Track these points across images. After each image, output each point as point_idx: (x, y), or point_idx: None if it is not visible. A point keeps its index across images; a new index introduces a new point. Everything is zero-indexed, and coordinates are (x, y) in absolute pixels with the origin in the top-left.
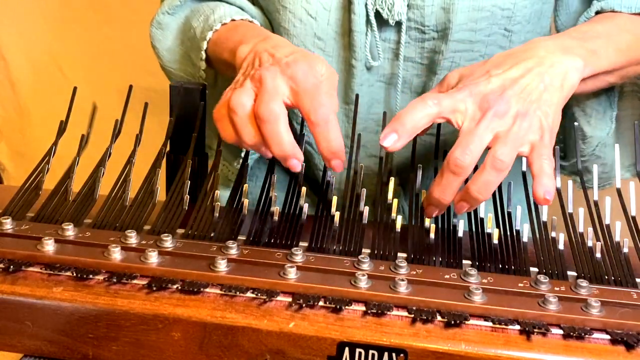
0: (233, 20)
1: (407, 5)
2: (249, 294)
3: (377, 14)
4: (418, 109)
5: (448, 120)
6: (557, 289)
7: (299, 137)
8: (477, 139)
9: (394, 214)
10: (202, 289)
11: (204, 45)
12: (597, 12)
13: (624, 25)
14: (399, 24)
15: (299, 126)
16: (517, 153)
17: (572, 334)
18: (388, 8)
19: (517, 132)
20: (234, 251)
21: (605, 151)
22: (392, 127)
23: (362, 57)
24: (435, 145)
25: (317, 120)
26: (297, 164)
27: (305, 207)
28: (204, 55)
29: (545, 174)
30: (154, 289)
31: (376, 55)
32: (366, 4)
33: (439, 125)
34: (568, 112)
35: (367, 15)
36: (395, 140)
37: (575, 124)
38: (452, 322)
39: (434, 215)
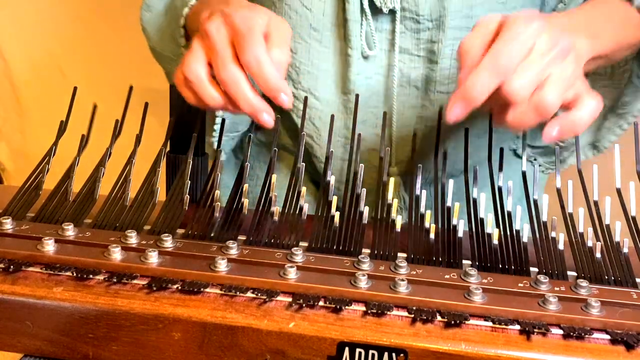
0: None
1: None
2: (249, 294)
3: (371, 3)
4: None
5: None
6: (557, 289)
7: (299, 137)
8: (538, 72)
9: (394, 214)
10: (202, 289)
11: (182, 21)
12: None
13: (615, 10)
14: (393, 12)
15: (299, 119)
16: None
17: (572, 334)
18: None
19: (572, 74)
20: (234, 251)
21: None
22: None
23: (357, 46)
24: (435, 145)
25: (247, 61)
26: (268, 118)
27: (306, 207)
28: (182, 32)
29: (585, 109)
30: (154, 289)
31: (372, 45)
32: None
33: (439, 124)
34: None
35: (362, 4)
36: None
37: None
38: (452, 322)
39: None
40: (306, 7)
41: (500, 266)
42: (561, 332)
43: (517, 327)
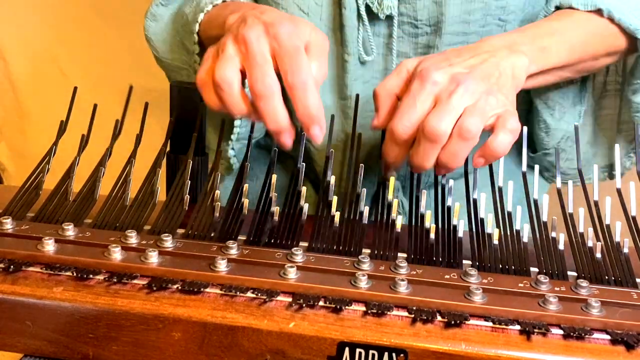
0: (224, 1)
1: (399, 0)
2: (249, 294)
3: (368, 9)
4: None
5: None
6: (557, 289)
7: (299, 137)
8: (452, 108)
9: (394, 214)
10: (202, 289)
11: (196, 27)
12: (557, 8)
13: (580, 22)
14: (390, 18)
15: (299, 124)
16: (484, 125)
17: (572, 334)
18: (378, 2)
19: (484, 106)
20: (234, 251)
21: (572, 144)
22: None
23: (354, 52)
24: None
25: (293, 83)
26: (288, 140)
27: (306, 207)
28: (196, 38)
29: (500, 140)
30: (154, 289)
31: (369, 50)
32: None
33: None
34: (532, 106)
35: (358, 10)
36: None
37: (576, 124)
38: (452, 322)
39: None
40: (303, 11)
41: (500, 266)
42: (561, 332)
43: (517, 327)
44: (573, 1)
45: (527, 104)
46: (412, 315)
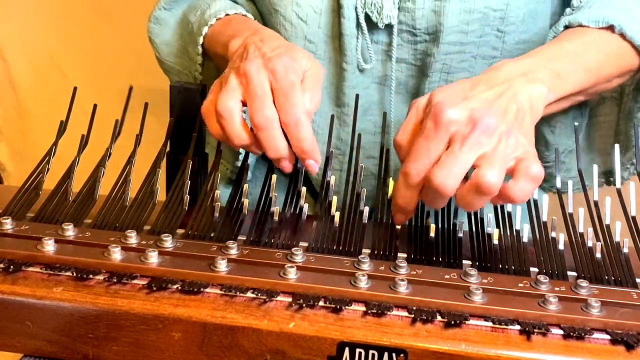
0: (227, 14)
1: (398, 8)
2: (249, 294)
3: (367, 17)
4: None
5: None
6: (557, 289)
7: None
8: (461, 162)
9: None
10: (202, 289)
11: (200, 40)
12: (566, 27)
13: (593, 42)
14: (389, 26)
15: None
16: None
17: (572, 334)
18: (377, 11)
19: (504, 150)
20: (234, 251)
21: (571, 157)
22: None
23: (353, 61)
24: None
25: (287, 121)
26: (288, 165)
27: (306, 207)
28: (200, 50)
29: (521, 188)
30: (154, 289)
31: (368, 58)
32: (356, 8)
33: None
34: None
35: (357, 19)
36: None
37: (575, 123)
38: (452, 322)
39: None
40: (302, 19)
41: (500, 266)
42: (561, 332)
43: (517, 327)
44: (583, 19)
45: None
46: (412, 315)
